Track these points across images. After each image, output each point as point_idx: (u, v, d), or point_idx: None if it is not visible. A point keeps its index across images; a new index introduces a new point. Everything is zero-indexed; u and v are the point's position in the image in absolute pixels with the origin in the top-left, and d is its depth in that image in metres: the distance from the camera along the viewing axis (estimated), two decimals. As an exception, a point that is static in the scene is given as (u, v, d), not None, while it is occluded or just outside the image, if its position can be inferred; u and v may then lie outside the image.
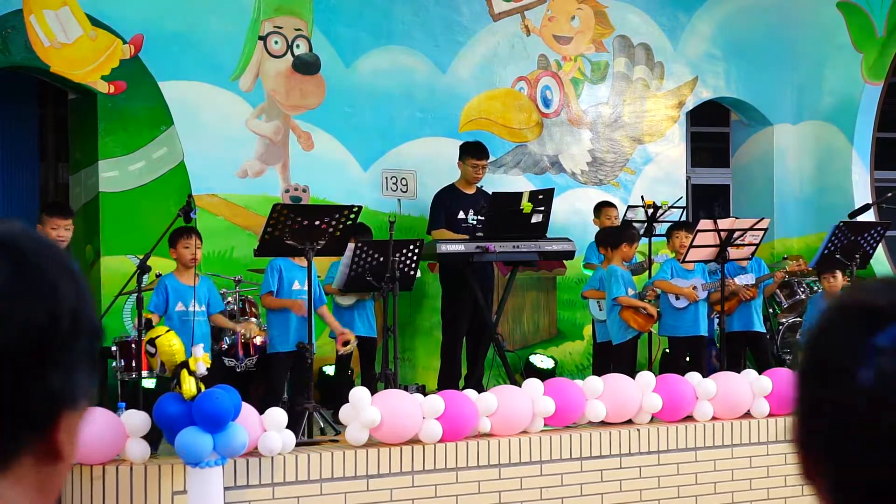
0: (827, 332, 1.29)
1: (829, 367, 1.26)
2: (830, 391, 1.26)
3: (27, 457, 1.13)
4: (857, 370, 1.23)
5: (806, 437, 1.31)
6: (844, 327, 1.27)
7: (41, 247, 1.15)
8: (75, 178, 10.28)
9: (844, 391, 1.24)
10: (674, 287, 9.75)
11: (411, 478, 7.48)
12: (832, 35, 13.35)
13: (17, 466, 1.13)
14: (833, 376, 1.25)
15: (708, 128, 14.53)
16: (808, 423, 1.30)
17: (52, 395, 1.13)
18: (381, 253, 8.78)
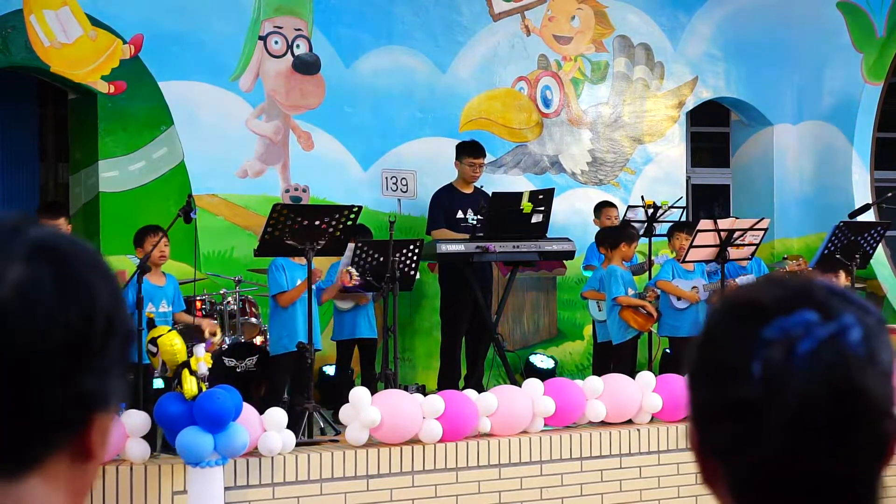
0: (717, 333, 1.31)
1: (722, 365, 1.28)
2: (726, 389, 1.27)
3: (61, 456, 1.15)
4: (749, 365, 1.25)
5: (705, 441, 1.30)
6: (733, 326, 1.29)
7: (79, 250, 1.17)
8: (75, 178, 10.28)
9: (739, 387, 1.25)
10: (676, 289, 9.75)
11: (411, 478, 7.48)
12: (832, 35, 13.35)
13: (51, 465, 1.15)
14: (728, 374, 1.27)
15: (708, 128, 14.53)
16: (705, 426, 1.30)
17: (87, 398, 1.15)
18: (381, 253, 8.78)
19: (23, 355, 1.11)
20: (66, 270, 1.15)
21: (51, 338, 1.12)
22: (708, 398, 1.30)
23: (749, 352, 1.26)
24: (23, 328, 1.11)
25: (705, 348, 1.32)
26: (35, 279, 1.12)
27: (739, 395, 1.26)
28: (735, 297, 1.33)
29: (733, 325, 1.29)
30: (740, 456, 1.27)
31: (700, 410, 1.31)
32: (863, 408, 1.24)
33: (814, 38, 13.37)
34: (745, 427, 1.25)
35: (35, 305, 1.12)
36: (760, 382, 1.24)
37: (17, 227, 1.16)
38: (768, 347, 1.25)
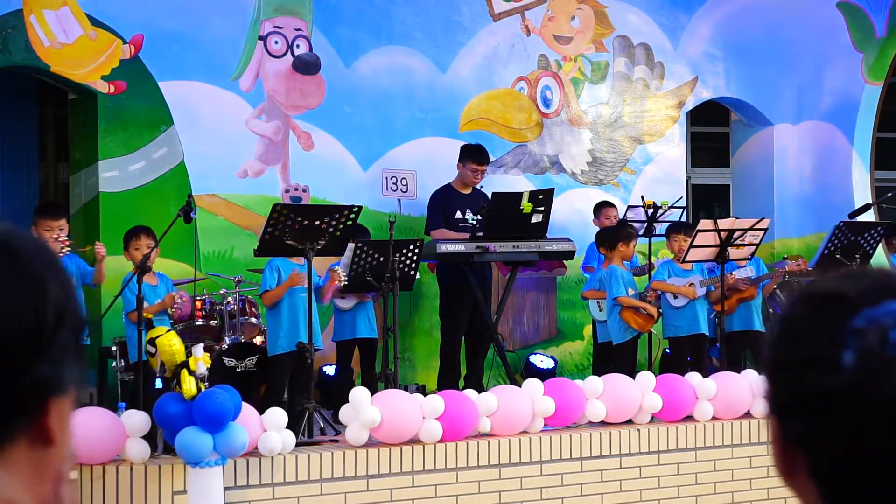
0: (797, 325, 1.31)
1: (806, 357, 1.28)
2: (812, 381, 1.27)
3: (20, 442, 1.19)
4: (839, 355, 1.25)
5: (787, 433, 1.31)
6: (818, 317, 1.29)
7: (29, 245, 1.21)
8: (75, 178, 10.28)
9: (827, 379, 1.26)
10: (671, 286, 9.75)
11: (411, 478, 7.48)
12: (832, 35, 13.35)
13: (10, 452, 1.18)
14: (813, 366, 1.27)
15: (708, 128, 14.52)
16: (788, 418, 1.31)
17: (41, 384, 1.19)
18: (381, 253, 8.78)
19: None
20: (17, 266, 1.19)
21: (3, 330, 1.16)
22: (791, 390, 1.30)
23: (838, 343, 1.26)
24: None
25: (785, 340, 1.33)
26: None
27: (828, 385, 1.26)
28: (814, 289, 1.34)
29: (816, 317, 1.30)
30: (829, 446, 1.27)
31: (781, 402, 1.32)
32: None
33: (814, 38, 13.36)
34: (835, 417, 1.26)
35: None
36: (853, 372, 1.25)
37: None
38: (860, 337, 1.26)
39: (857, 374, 1.25)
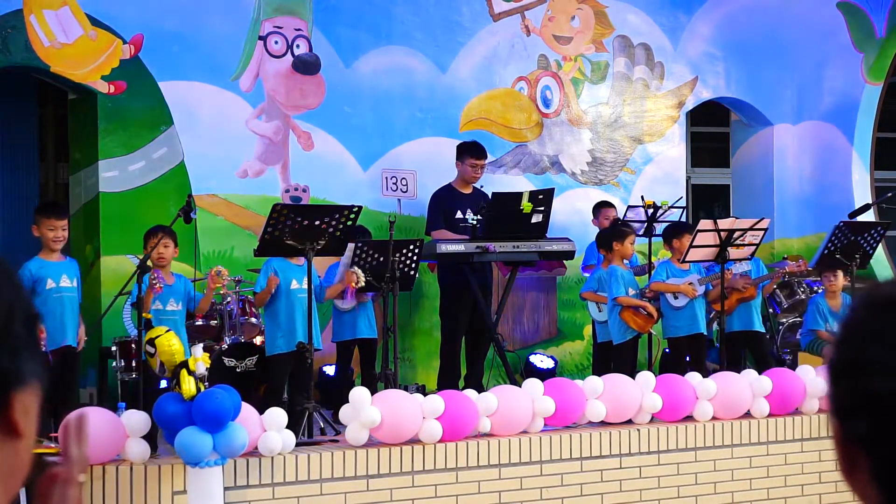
0: (865, 329, 1.33)
1: (873, 361, 1.31)
2: (878, 386, 1.30)
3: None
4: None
5: (848, 432, 1.34)
6: (882, 321, 1.32)
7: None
8: (75, 178, 10.28)
9: (891, 382, 1.29)
10: (670, 286, 9.75)
11: (411, 478, 7.48)
12: (832, 35, 13.35)
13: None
14: (880, 370, 1.30)
15: (708, 128, 14.52)
16: (850, 419, 1.33)
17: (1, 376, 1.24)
18: (381, 253, 8.78)
19: None
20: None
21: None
22: (856, 391, 1.33)
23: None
24: None
25: (851, 342, 1.35)
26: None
27: (890, 388, 1.29)
28: (882, 293, 1.36)
29: (884, 321, 1.33)
30: (890, 448, 1.30)
31: (845, 404, 1.34)
32: None
33: (814, 38, 13.37)
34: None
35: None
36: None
37: None
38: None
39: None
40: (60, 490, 1.39)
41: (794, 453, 8.61)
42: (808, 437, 8.66)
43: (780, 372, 8.89)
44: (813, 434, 8.65)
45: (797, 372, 8.85)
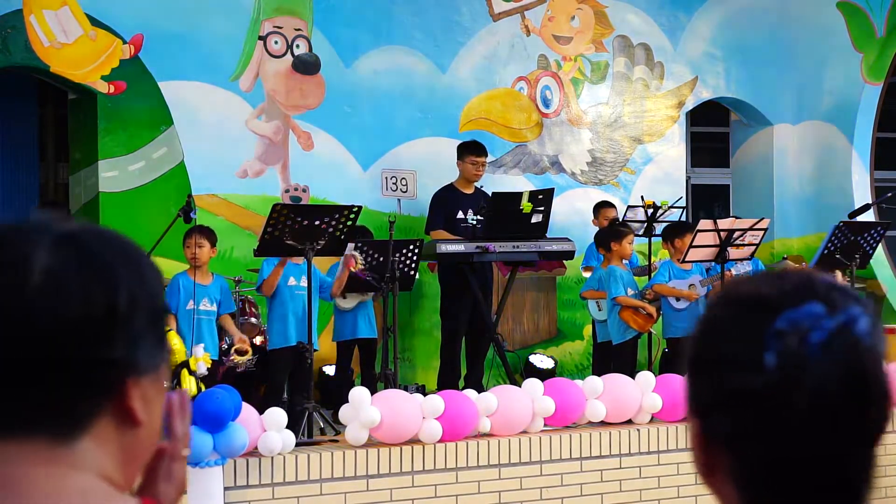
0: (720, 325, 1.35)
1: (729, 357, 1.32)
2: (734, 380, 1.31)
3: (105, 420, 1.32)
4: (761, 356, 1.29)
5: (708, 431, 1.34)
6: (739, 318, 1.33)
7: (101, 238, 1.36)
8: (75, 178, 10.28)
9: (750, 378, 1.30)
10: (673, 290, 9.75)
11: (411, 478, 7.48)
12: (832, 35, 13.35)
13: (100, 429, 1.32)
14: (736, 365, 1.31)
15: (708, 128, 14.52)
16: (709, 417, 1.34)
17: (116, 364, 1.32)
18: (381, 253, 8.78)
19: (55, 328, 1.29)
20: (87, 255, 1.32)
21: (76, 312, 1.29)
22: (713, 389, 1.33)
23: (760, 343, 1.30)
24: (51, 306, 1.29)
25: (708, 341, 1.36)
26: (59, 264, 1.31)
27: (750, 384, 1.30)
28: (737, 291, 1.37)
29: (739, 318, 1.34)
30: (750, 444, 1.31)
31: (704, 402, 1.35)
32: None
33: (814, 38, 13.37)
34: (757, 416, 1.30)
35: (60, 286, 1.30)
36: (775, 372, 1.29)
37: (46, 224, 1.35)
38: (781, 339, 1.30)
39: (778, 375, 1.29)
40: (167, 464, 1.48)
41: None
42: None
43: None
44: (813, 434, 8.64)
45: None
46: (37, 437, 1.30)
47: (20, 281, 1.30)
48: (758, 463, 1.31)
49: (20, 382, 1.30)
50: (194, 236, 8.44)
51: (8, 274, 1.31)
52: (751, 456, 1.31)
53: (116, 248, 1.36)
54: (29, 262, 1.31)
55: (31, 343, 1.29)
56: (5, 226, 1.37)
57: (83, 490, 1.30)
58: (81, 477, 1.30)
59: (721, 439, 1.33)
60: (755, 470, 1.32)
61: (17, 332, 1.29)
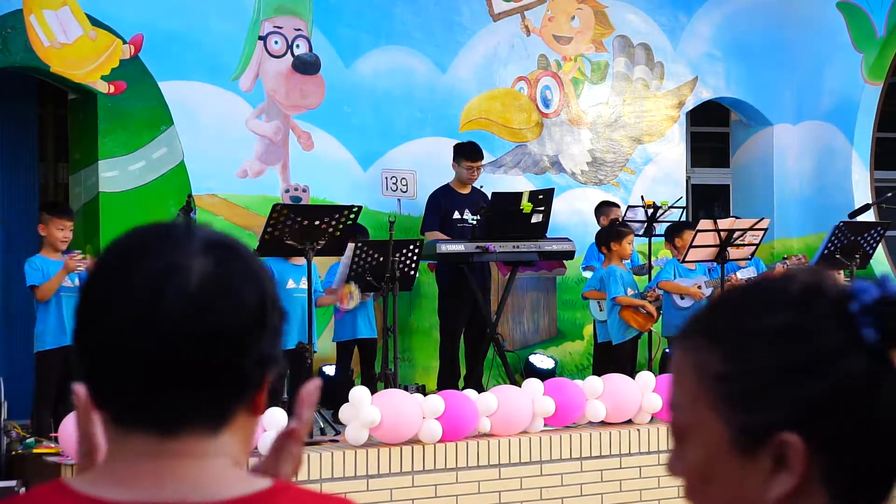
0: (796, 325, 1.28)
1: (824, 351, 1.27)
2: (838, 372, 1.27)
3: (242, 412, 1.43)
4: (860, 335, 1.26)
5: (808, 442, 1.28)
6: (813, 310, 1.29)
7: (243, 246, 1.46)
8: (75, 178, 10.28)
9: (855, 363, 1.26)
10: (680, 287, 9.76)
11: (411, 478, 7.48)
12: (832, 35, 13.35)
13: (235, 421, 1.42)
14: (835, 356, 1.27)
15: (708, 128, 14.52)
16: (804, 426, 1.29)
17: (264, 360, 1.43)
18: (381, 253, 8.78)
19: (221, 331, 1.38)
20: (237, 260, 1.42)
21: (240, 315, 1.39)
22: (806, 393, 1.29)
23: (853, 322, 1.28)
24: (220, 309, 1.38)
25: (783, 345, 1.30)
26: (222, 270, 1.39)
27: (856, 368, 1.28)
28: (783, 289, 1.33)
29: (811, 310, 1.30)
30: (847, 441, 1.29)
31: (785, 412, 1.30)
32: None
33: (814, 38, 13.37)
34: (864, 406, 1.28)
35: (220, 290, 1.38)
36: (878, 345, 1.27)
37: (189, 228, 1.43)
38: (869, 313, 1.27)
39: (883, 346, 1.27)
40: (290, 445, 1.57)
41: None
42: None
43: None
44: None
45: (797, 372, 8.84)
46: (192, 432, 1.39)
47: (180, 287, 1.37)
48: (866, 462, 1.27)
49: (188, 385, 1.38)
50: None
51: (169, 280, 1.37)
52: (857, 455, 1.27)
53: (252, 253, 1.46)
54: (187, 268, 1.38)
55: (198, 346, 1.36)
56: (150, 231, 1.44)
57: (228, 479, 1.40)
58: (223, 464, 1.40)
59: (820, 444, 1.26)
60: (861, 471, 1.27)
61: (184, 337, 1.36)
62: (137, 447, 1.39)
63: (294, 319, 8.40)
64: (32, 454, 7.36)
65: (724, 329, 1.31)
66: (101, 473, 1.41)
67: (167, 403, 1.38)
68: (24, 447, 7.46)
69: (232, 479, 1.40)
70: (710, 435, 1.29)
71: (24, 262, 8.46)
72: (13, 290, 10.34)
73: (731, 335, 1.30)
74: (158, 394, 1.38)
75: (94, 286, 1.41)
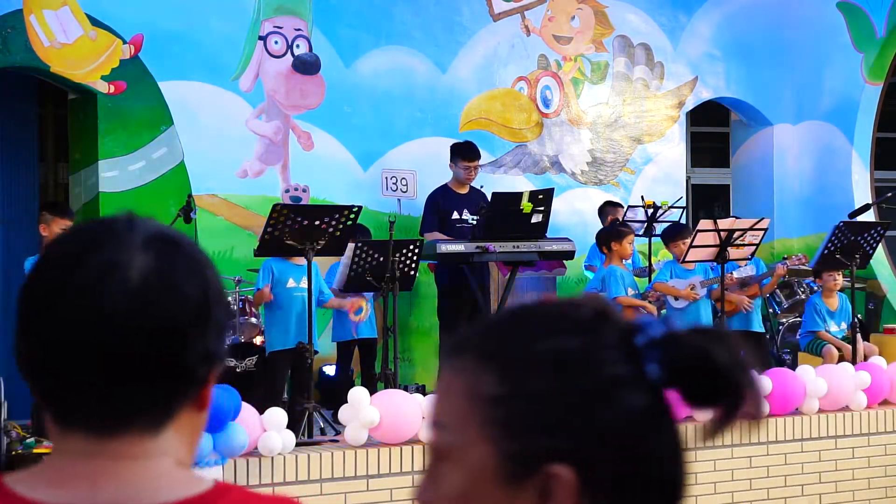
0: (575, 357, 1.20)
1: (609, 383, 1.20)
2: (621, 404, 1.20)
3: (186, 409, 1.40)
4: (642, 371, 1.21)
5: (583, 475, 1.19)
6: (605, 344, 1.21)
7: (183, 237, 1.43)
8: (75, 178, 10.28)
9: (636, 398, 1.20)
10: (672, 289, 9.76)
11: (411, 478, 7.48)
12: (832, 35, 13.35)
13: (179, 418, 1.40)
14: (618, 388, 1.20)
15: (708, 128, 14.53)
16: (577, 458, 1.20)
17: (209, 356, 1.40)
18: (381, 253, 8.78)
19: (164, 326, 1.35)
20: (180, 255, 1.40)
21: (182, 310, 1.37)
22: (583, 422, 1.24)
23: (638, 358, 1.24)
24: (162, 304, 1.35)
25: (569, 374, 1.23)
26: (163, 265, 1.37)
27: (636, 403, 1.23)
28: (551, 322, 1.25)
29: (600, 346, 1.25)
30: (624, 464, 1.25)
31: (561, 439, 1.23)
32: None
33: (814, 38, 13.37)
34: (645, 435, 1.26)
35: (161, 286, 1.36)
36: (658, 381, 1.23)
37: (131, 223, 1.41)
38: (654, 348, 1.23)
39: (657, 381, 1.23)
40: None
41: (794, 453, 8.61)
42: (808, 437, 8.66)
43: (780, 372, 8.89)
44: (813, 434, 8.65)
45: (797, 372, 8.86)
46: (133, 431, 1.37)
47: (122, 282, 1.35)
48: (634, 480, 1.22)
49: (128, 382, 1.35)
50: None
51: (109, 276, 1.35)
52: (629, 496, 1.21)
53: (195, 247, 1.43)
54: (128, 264, 1.36)
55: (140, 343, 1.34)
56: (91, 227, 1.42)
57: (169, 481, 1.37)
58: (164, 465, 1.38)
59: (592, 480, 1.18)
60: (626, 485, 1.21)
61: (124, 333, 1.34)
62: (77, 447, 1.36)
63: (294, 319, 8.40)
64: (32, 454, 7.36)
65: (502, 350, 1.21)
66: (40, 473, 1.38)
67: (106, 401, 1.35)
68: (24, 447, 7.47)
69: (173, 481, 1.37)
70: (474, 460, 1.19)
71: (24, 261, 8.45)
72: (13, 290, 10.33)
73: (510, 357, 1.20)
74: (97, 392, 1.35)
75: (35, 283, 1.38)
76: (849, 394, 8.73)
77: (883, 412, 8.85)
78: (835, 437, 8.67)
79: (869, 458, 8.74)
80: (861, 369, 8.89)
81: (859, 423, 8.76)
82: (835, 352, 10.01)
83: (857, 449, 8.73)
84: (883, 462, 8.79)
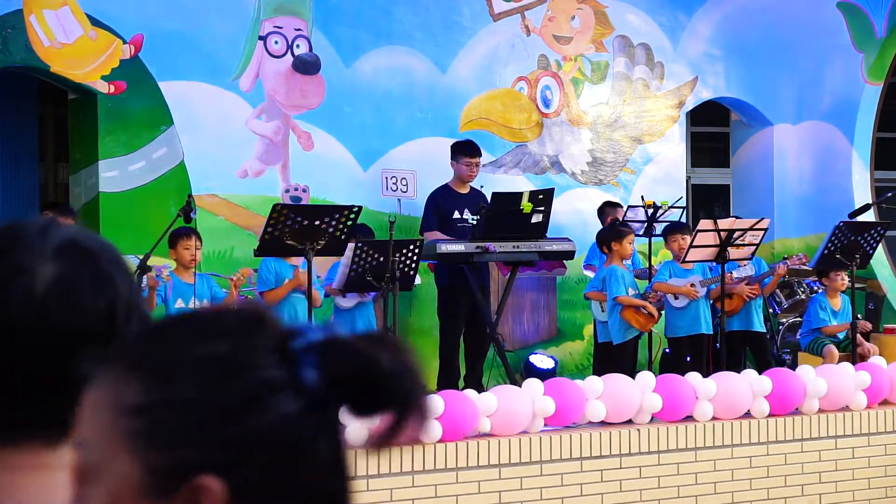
0: (223, 364, 1.14)
1: (250, 393, 1.13)
2: (269, 415, 1.13)
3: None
4: (299, 376, 1.13)
5: (234, 488, 1.12)
6: (257, 348, 1.14)
7: (101, 246, 1.38)
8: (75, 178, 10.28)
9: (286, 404, 1.13)
10: (672, 287, 9.76)
11: (411, 478, 7.48)
12: (832, 35, 13.35)
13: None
14: (263, 401, 1.12)
15: (708, 128, 14.52)
16: (229, 471, 1.12)
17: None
18: (381, 253, 8.78)
19: (63, 339, 1.31)
20: (92, 266, 1.34)
21: (84, 324, 1.32)
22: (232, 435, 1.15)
23: (294, 363, 1.16)
24: (61, 318, 1.31)
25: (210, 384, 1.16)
26: (68, 275, 1.32)
27: (286, 409, 1.16)
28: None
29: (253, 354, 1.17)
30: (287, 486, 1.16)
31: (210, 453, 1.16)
32: None
33: (814, 38, 13.36)
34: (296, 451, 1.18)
35: (71, 298, 1.32)
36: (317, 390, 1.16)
37: (44, 229, 1.36)
38: (312, 352, 1.16)
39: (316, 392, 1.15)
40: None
41: (794, 453, 8.61)
42: (808, 437, 8.66)
43: (780, 372, 8.89)
44: (813, 434, 8.65)
45: (797, 372, 8.86)
46: (33, 443, 1.33)
47: (26, 290, 1.31)
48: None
49: (28, 392, 1.32)
50: (193, 238, 8.52)
51: (13, 283, 1.32)
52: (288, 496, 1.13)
53: (110, 254, 1.38)
54: (33, 271, 1.32)
55: (39, 353, 1.31)
56: (4, 231, 1.38)
57: (67, 492, 1.24)
58: (64, 477, 1.27)
59: (244, 493, 1.11)
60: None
61: (25, 343, 1.30)
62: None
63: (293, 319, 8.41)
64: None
65: (147, 356, 1.15)
66: None
67: (5, 412, 1.32)
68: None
69: (64, 496, 1.30)
70: (118, 476, 1.12)
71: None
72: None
73: (154, 363, 1.14)
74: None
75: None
76: (849, 394, 8.73)
77: (883, 412, 8.85)
78: (835, 438, 8.67)
79: (869, 458, 8.74)
80: (861, 369, 8.89)
81: (859, 423, 8.76)
82: (835, 351, 10.01)
83: (857, 449, 8.73)
84: (883, 462, 8.79)
